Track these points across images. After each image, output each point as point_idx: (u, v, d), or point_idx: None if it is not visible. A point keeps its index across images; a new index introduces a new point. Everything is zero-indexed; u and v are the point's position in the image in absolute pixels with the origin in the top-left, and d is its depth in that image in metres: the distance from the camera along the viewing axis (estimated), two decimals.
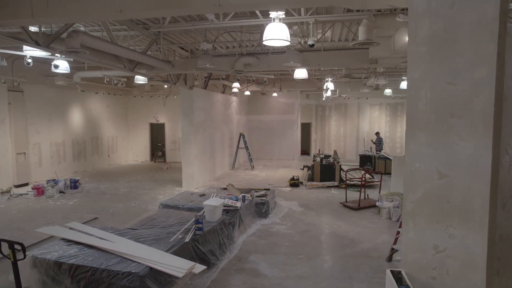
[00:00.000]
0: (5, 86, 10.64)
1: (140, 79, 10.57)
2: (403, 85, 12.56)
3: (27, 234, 6.70)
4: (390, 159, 13.61)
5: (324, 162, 11.65)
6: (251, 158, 15.44)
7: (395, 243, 5.66)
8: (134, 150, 17.59)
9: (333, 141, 19.09)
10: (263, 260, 5.70)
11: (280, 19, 4.78)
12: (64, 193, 10.32)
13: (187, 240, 4.97)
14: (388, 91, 15.59)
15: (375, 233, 7.00)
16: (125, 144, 17.24)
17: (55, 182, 10.32)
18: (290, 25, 7.45)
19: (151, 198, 9.88)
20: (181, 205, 6.99)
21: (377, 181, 11.24)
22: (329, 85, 12.70)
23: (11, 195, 9.67)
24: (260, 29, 7.81)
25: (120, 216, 8.20)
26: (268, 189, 8.96)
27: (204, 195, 7.83)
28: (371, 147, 15.52)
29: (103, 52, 6.80)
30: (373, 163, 13.63)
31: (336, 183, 11.27)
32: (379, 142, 15.55)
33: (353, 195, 9.69)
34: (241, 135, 15.54)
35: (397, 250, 5.62)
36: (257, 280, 5.03)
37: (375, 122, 18.06)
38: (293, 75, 14.19)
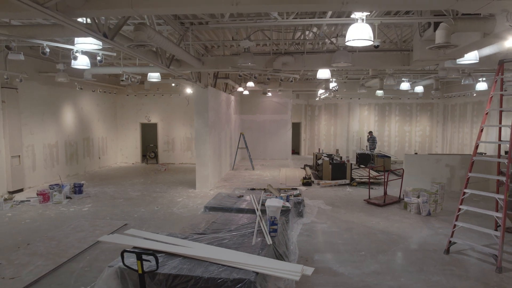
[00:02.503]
0: None
1: (153, 77, 10.08)
2: (403, 86, 13.20)
3: (65, 245, 6.13)
4: (389, 157, 14.25)
5: (334, 161, 11.89)
6: (251, 158, 15.34)
7: (452, 236, 5.95)
8: (123, 151, 16.72)
9: (323, 140, 19.52)
10: (329, 259, 5.72)
11: (363, 20, 4.83)
12: (71, 198, 9.57)
13: (270, 243, 4.85)
14: (379, 92, 16.24)
15: (414, 228, 7.29)
16: (114, 145, 16.33)
17: (60, 186, 9.53)
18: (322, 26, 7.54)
19: (170, 201, 9.47)
20: (228, 207, 6.79)
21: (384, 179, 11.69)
22: (333, 85, 12.98)
23: (14, 203, 8.77)
24: (295, 29, 7.82)
25: (150, 221, 7.77)
26: (296, 189, 8.98)
27: (242, 196, 7.67)
28: (366, 146, 16.09)
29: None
30: (373, 161, 14.15)
31: (347, 181, 11.55)
32: (372, 141, 16.17)
33: (361, 192, 10.29)
34: (242, 135, 15.39)
35: (455, 243, 5.91)
36: (338, 279, 5.04)
37: (365, 122, 18.74)
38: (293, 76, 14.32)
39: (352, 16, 4.88)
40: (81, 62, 7.65)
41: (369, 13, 4.74)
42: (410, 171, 10.51)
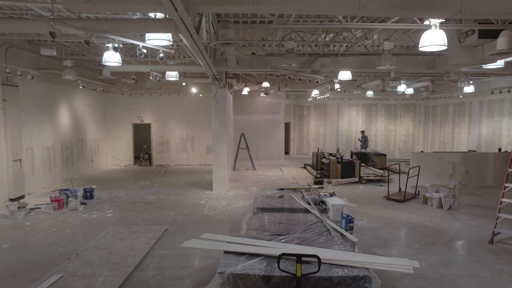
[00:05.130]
0: None
1: (171, 76, 9.74)
2: (400, 88, 13.93)
3: (117, 253, 5.76)
4: (384, 155, 14.97)
5: (343, 160, 12.26)
6: (252, 159, 15.31)
7: (495, 227, 6.45)
8: (114, 153, 15.88)
9: (312, 140, 19.96)
10: (390, 253, 5.96)
11: (436, 26, 5.10)
12: (85, 204, 8.95)
13: (356, 240, 4.97)
14: (370, 93, 16.98)
15: (445, 221, 7.78)
16: (104, 147, 15.45)
17: (72, 192, 8.87)
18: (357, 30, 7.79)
19: (195, 204, 9.21)
20: (279, 208, 6.77)
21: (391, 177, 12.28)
22: (337, 86, 13.37)
23: (26, 211, 8.02)
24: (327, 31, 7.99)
25: (189, 225, 7.53)
26: (322, 187, 9.16)
27: (283, 196, 7.68)
28: (360, 144, 16.76)
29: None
30: (373, 160, 14.78)
31: (356, 179, 11.97)
32: (364, 140, 16.87)
33: (374, 189, 10.81)
34: (242, 135, 15.31)
35: (499, 233, 6.42)
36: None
37: (353, 122, 19.48)
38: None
39: (426, 22, 5.13)
40: (113, 59, 7.20)
41: (444, 20, 5.01)
42: (415, 168, 11.15)
